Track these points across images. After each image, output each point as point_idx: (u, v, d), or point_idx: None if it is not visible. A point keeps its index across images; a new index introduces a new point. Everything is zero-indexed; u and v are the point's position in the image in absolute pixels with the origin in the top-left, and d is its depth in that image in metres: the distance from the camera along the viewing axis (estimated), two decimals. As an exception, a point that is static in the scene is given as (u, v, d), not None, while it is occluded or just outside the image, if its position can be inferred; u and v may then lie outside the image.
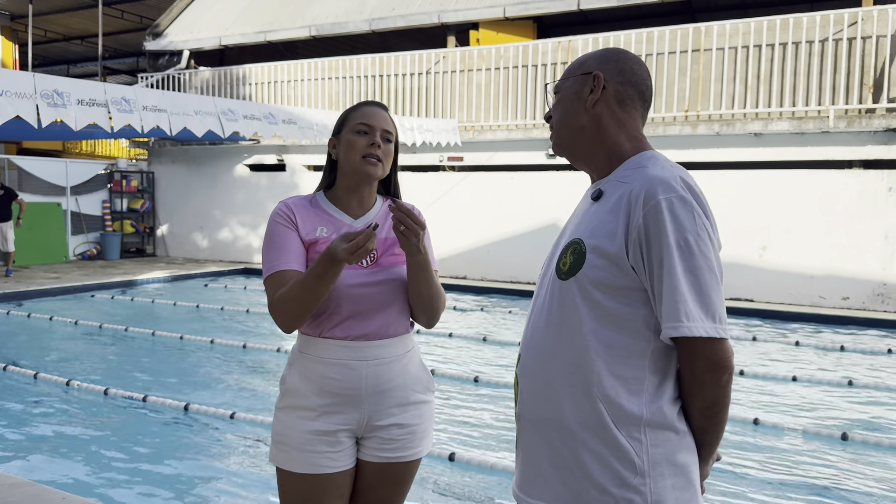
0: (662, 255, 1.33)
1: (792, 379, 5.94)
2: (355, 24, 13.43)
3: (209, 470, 3.98)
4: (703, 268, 1.33)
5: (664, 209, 1.33)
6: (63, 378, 5.55)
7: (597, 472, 1.36)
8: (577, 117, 1.51)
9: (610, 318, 1.38)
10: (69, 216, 13.51)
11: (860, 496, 3.73)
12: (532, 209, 11.02)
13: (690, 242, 1.33)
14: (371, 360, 1.90)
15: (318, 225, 1.95)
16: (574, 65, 1.57)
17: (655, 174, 1.38)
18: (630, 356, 1.37)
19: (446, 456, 3.99)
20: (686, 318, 1.31)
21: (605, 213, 1.42)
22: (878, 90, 9.17)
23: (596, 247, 1.39)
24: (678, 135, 10.08)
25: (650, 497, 1.35)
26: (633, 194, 1.38)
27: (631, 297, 1.37)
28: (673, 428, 1.38)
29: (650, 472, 1.35)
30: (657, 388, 1.38)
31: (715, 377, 1.34)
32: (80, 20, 19.19)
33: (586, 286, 1.39)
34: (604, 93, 1.49)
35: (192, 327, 7.77)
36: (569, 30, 13.65)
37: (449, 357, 6.66)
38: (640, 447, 1.36)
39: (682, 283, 1.31)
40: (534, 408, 1.46)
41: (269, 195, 13.54)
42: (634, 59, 1.54)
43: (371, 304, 1.91)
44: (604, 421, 1.36)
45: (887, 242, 8.96)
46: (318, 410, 1.89)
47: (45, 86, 6.20)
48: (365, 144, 1.93)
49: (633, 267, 1.36)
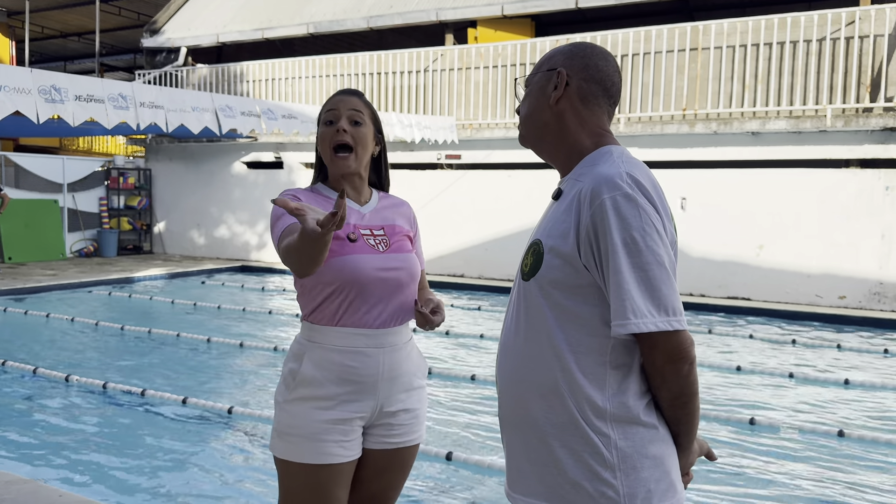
0: (609, 253, 1.35)
1: (789, 377, 5.96)
2: (353, 21, 13.41)
3: (207, 464, 3.98)
4: (651, 263, 1.34)
5: (608, 207, 1.35)
6: (61, 374, 5.55)
7: (570, 467, 1.39)
8: (541, 113, 1.53)
9: (569, 317, 1.40)
10: (66, 213, 13.48)
11: (857, 493, 3.74)
12: (529, 207, 11.02)
13: (637, 239, 1.34)
14: (386, 347, 1.94)
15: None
16: (543, 59, 1.58)
17: (603, 172, 1.40)
18: (590, 353, 1.39)
19: (443, 455, 3.99)
20: (633, 315, 1.32)
21: (561, 213, 1.44)
22: (876, 89, 9.19)
23: (552, 247, 1.42)
24: (676, 133, 10.08)
25: (622, 490, 1.37)
26: (583, 193, 1.40)
27: (587, 295, 1.40)
28: (640, 421, 1.39)
29: (620, 465, 1.37)
30: (620, 383, 1.39)
31: (675, 368, 1.36)
32: (77, 16, 19.14)
33: (545, 286, 1.42)
34: (567, 90, 1.50)
35: (189, 324, 7.76)
36: (567, 28, 13.64)
37: (446, 355, 6.66)
38: (608, 441, 1.38)
39: (629, 280, 1.33)
40: (508, 407, 1.49)
41: (267, 192, 13.52)
42: (601, 55, 1.53)
43: (389, 289, 1.94)
44: (573, 417, 1.39)
45: (884, 241, 8.98)
46: (336, 399, 1.90)
47: (42, 81, 6.19)
48: (332, 133, 1.95)
49: (586, 266, 1.39)
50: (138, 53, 21.11)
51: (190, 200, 14.49)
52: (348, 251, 1.91)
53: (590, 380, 1.39)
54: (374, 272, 1.91)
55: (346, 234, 1.93)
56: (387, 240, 1.98)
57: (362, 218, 1.99)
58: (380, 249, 1.95)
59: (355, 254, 1.91)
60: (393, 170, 12.33)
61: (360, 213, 1.99)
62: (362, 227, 1.97)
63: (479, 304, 9.53)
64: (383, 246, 1.96)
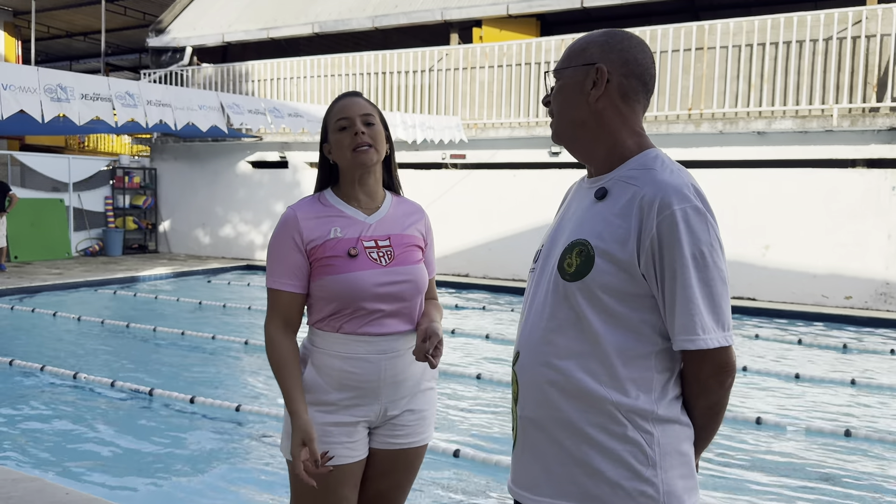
0: (676, 267, 1.33)
1: (795, 377, 5.94)
2: (358, 21, 13.42)
3: (215, 463, 3.99)
4: (715, 279, 1.34)
5: (679, 220, 1.32)
6: (70, 371, 5.56)
7: (607, 467, 1.37)
8: (578, 110, 1.46)
9: (618, 322, 1.38)
10: (72, 212, 13.52)
11: (863, 493, 3.73)
12: (534, 207, 11.01)
13: (705, 254, 1.33)
14: (389, 353, 1.93)
15: (332, 225, 1.94)
16: (575, 50, 1.49)
17: (667, 180, 1.36)
18: (638, 357, 1.38)
19: (451, 453, 3.99)
20: (702, 331, 1.33)
21: (613, 217, 1.39)
22: (882, 89, 9.15)
23: (605, 251, 1.37)
24: (681, 133, 10.06)
25: (662, 487, 1.37)
26: (646, 200, 1.35)
27: (639, 303, 1.38)
28: (679, 420, 1.41)
29: (661, 462, 1.37)
30: (664, 385, 1.40)
31: (719, 380, 1.38)
32: (82, 16, 19.18)
33: (594, 290, 1.38)
34: (607, 87, 1.44)
35: (194, 323, 7.77)
36: (572, 27, 13.63)
37: (452, 354, 6.66)
38: (651, 439, 1.38)
39: (697, 296, 1.33)
40: (537, 408, 1.45)
41: (272, 192, 13.54)
42: (639, 46, 1.47)
43: (390, 302, 1.93)
44: (614, 418, 1.38)
45: (890, 241, 8.95)
46: (338, 405, 1.92)
47: (48, 80, 6.20)
48: (349, 138, 1.94)
49: (644, 275, 1.36)
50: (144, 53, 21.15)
51: (195, 200, 14.51)
52: (347, 268, 1.90)
53: (637, 383, 1.38)
54: (373, 288, 1.90)
55: (347, 250, 1.92)
56: (391, 251, 1.96)
57: (368, 229, 1.96)
58: (382, 263, 1.93)
59: (355, 271, 1.90)
60: (398, 169, 12.32)
61: (365, 224, 1.96)
62: (366, 238, 1.95)
63: (483, 303, 9.52)
64: (387, 259, 1.94)
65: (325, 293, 1.92)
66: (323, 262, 1.92)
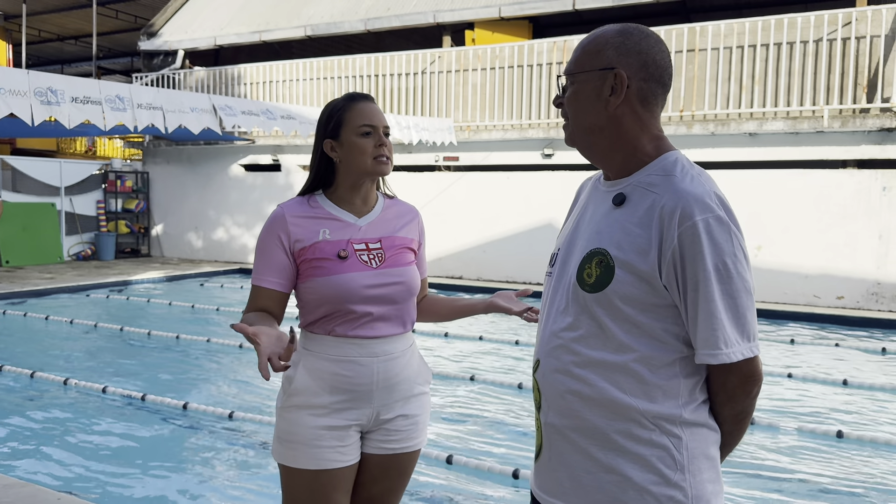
0: (698, 279, 1.30)
1: (787, 377, 5.96)
2: (350, 23, 13.42)
3: (208, 469, 3.98)
4: (740, 290, 1.32)
5: (701, 231, 1.29)
6: (60, 377, 5.54)
7: (635, 473, 1.36)
8: (595, 117, 1.41)
9: (642, 332, 1.36)
10: (63, 216, 13.46)
11: (856, 494, 3.75)
12: (527, 209, 11.03)
13: (728, 265, 1.31)
14: (381, 356, 1.93)
15: (321, 227, 1.94)
16: (590, 51, 1.43)
17: (688, 189, 1.33)
18: (664, 366, 1.36)
19: (444, 458, 3.98)
20: (724, 345, 1.31)
21: (633, 226, 1.36)
22: (872, 90, 9.21)
23: (626, 262, 1.34)
24: (673, 134, 10.09)
25: (690, 492, 1.36)
26: (666, 210, 1.32)
27: (661, 312, 1.35)
28: (707, 424, 1.40)
29: (689, 466, 1.36)
30: (691, 390, 1.39)
31: (746, 390, 1.37)
32: (74, 20, 19.14)
33: (615, 301, 1.35)
34: (627, 92, 1.38)
35: (187, 327, 7.75)
36: (564, 30, 13.65)
37: (446, 357, 6.66)
38: (679, 443, 1.36)
39: (720, 309, 1.30)
40: (561, 416, 1.42)
41: (265, 195, 13.52)
42: (656, 45, 1.41)
43: (381, 304, 1.93)
44: (641, 424, 1.36)
45: (881, 242, 9.00)
46: (330, 408, 1.91)
47: (39, 83, 6.18)
48: (373, 146, 1.94)
49: (666, 286, 1.34)
50: (135, 56, 21.12)
51: (187, 203, 14.48)
52: (337, 270, 1.89)
53: (664, 390, 1.36)
54: (364, 290, 1.89)
55: (337, 252, 1.91)
56: (382, 254, 1.95)
57: (358, 231, 1.96)
58: (373, 265, 1.93)
59: (345, 272, 1.89)
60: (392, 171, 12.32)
61: (356, 227, 1.96)
62: (357, 241, 1.94)
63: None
64: (377, 261, 1.94)
65: (315, 295, 1.91)
66: (312, 263, 1.91)
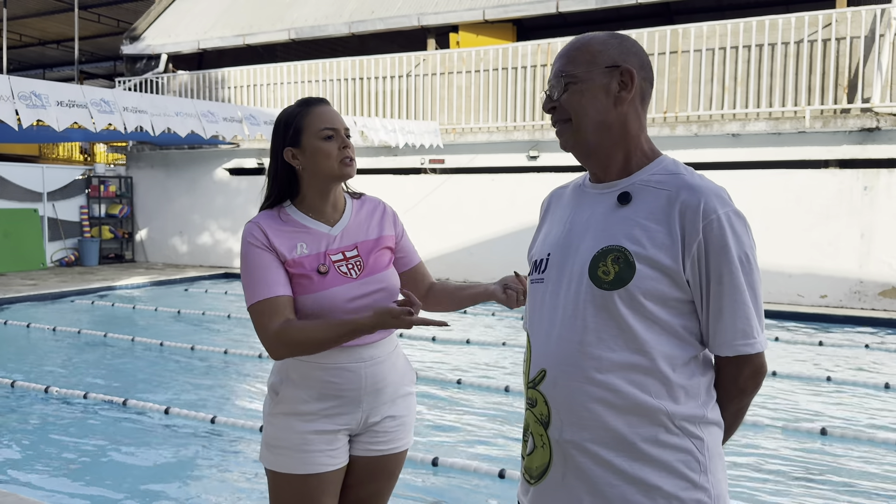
0: (723, 271, 1.33)
1: (772, 375, 6.00)
2: (335, 26, 13.40)
3: (191, 475, 3.95)
4: (757, 282, 1.37)
5: (725, 224, 1.33)
6: (41, 385, 5.48)
7: (663, 481, 1.34)
8: (605, 114, 1.40)
9: (662, 329, 1.36)
10: (46, 222, 13.34)
11: (840, 490, 3.77)
12: (513, 211, 11.05)
13: (749, 257, 1.35)
14: (368, 361, 1.93)
15: (296, 241, 1.90)
16: (590, 52, 1.42)
17: (703, 185, 1.36)
18: (685, 364, 1.37)
19: (429, 461, 3.97)
20: (758, 334, 1.35)
21: (649, 222, 1.35)
22: (853, 90, 9.30)
23: (648, 257, 1.34)
24: (657, 136, 10.15)
25: (713, 491, 1.37)
26: (687, 205, 1.33)
27: (680, 308, 1.37)
28: (719, 423, 1.42)
29: (710, 466, 1.38)
30: (707, 388, 1.41)
31: (756, 382, 1.41)
32: (55, 24, 18.98)
33: (637, 297, 1.34)
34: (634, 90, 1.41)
35: (172, 333, 7.70)
36: (548, 32, 13.71)
37: (432, 360, 6.65)
38: (701, 445, 1.37)
39: (748, 300, 1.34)
40: (580, 429, 1.37)
41: (250, 199, 13.46)
42: (643, 49, 1.47)
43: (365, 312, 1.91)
44: (667, 428, 1.35)
45: (863, 241, 9.09)
46: (319, 414, 1.91)
47: (21, 88, 6.14)
48: (337, 149, 1.91)
49: (689, 280, 1.35)
50: (118, 60, 20.96)
51: (172, 208, 14.39)
52: (318, 287, 1.87)
53: (686, 389, 1.36)
54: (347, 303, 1.88)
55: (317, 267, 1.88)
56: (360, 261, 1.93)
57: (333, 241, 1.93)
58: (353, 276, 1.90)
59: (326, 289, 1.87)
60: (377, 175, 12.32)
61: (330, 237, 1.93)
62: (333, 252, 1.91)
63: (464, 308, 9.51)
64: (357, 270, 1.91)
65: (299, 309, 1.89)
66: (293, 280, 1.89)
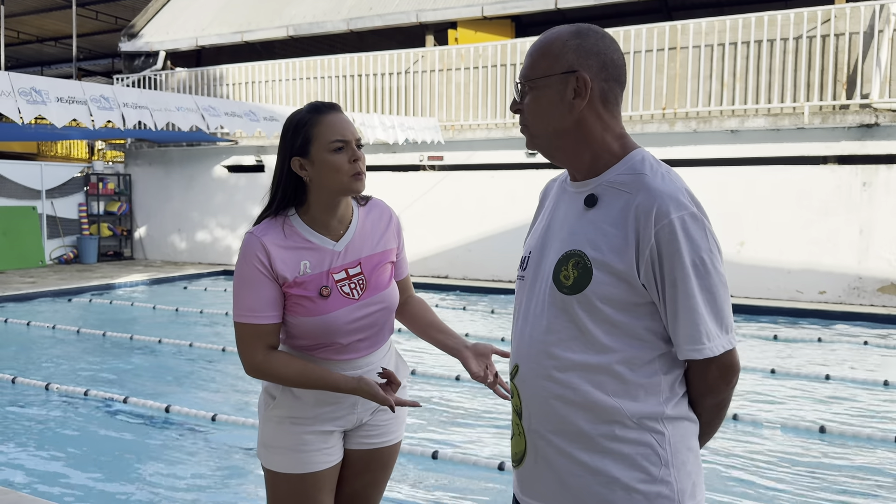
0: (676, 276, 1.32)
1: (770, 372, 6.01)
2: (333, 23, 13.37)
3: (191, 472, 3.95)
4: (717, 284, 1.35)
5: (678, 228, 1.32)
6: (42, 382, 5.48)
7: (622, 473, 1.37)
8: (559, 120, 1.41)
9: (621, 332, 1.37)
10: (45, 220, 13.32)
11: (839, 488, 3.78)
12: (512, 208, 11.04)
13: (705, 261, 1.34)
14: (364, 369, 1.94)
15: (300, 259, 1.84)
16: (548, 55, 1.43)
17: (661, 187, 1.35)
18: (644, 364, 1.38)
19: (429, 454, 3.99)
20: (707, 340, 1.34)
21: (608, 226, 1.37)
22: (852, 86, 9.29)
23: (603, 263, 1.35)
24: (656, 132, 10.15)
25: (676, 486, 1.38)
26: (641, 209, 1.34)
27: (640, 311, 1.37)
28: (687, 417, 1.43)
29: (673, 460, 1.38)
30: (672, 386, 1.41)
31: (726, 380, 1.40)
32: (53, 21, 18.93)
33: (594, 302, 1.36)
34: (590, 94, 1.40)
35: (171, 330, 7.70)
36: (546, 28, 13.62)
37: (430, 355, 6.65)
38: (662, 439, 1.38)
39: (700, 304, 1.33)
40: (545, 421, 1.43)
41: (248, 196, 13.45)
42: (611, 45, 1.43)
43: (365, 331, 1.92)
44: (625, 424, 1.37)
45: (862, 237, 9.09)
46: (316, 419, 1.92)
47: (21, 84, 6.15)
48: (348, 162, 1.81)
49: (644, 285, 1.35)
50: (116, 58, 20.93)
51: (171, 205, 14.38)
52: (320, 311, 1.83)
53: (645, 388, 1.38)
54: (348, 325, 1.86)
55: (319, 290, 1.83)
56: (363, 280, 1.88)
57: (336, 258, 1.87)
58: (355, 296, 1.87)
59: (329, 312, 1.83)
60: (376, 171, 12.31)
61: (333, 253, 1.87)
62: (336, 269, 1.86)
63: (463, 304, 9.53)
64: (359, 290, 1.87)
65: (299, 330, 1.88)
66: (294, 299, 1.85)
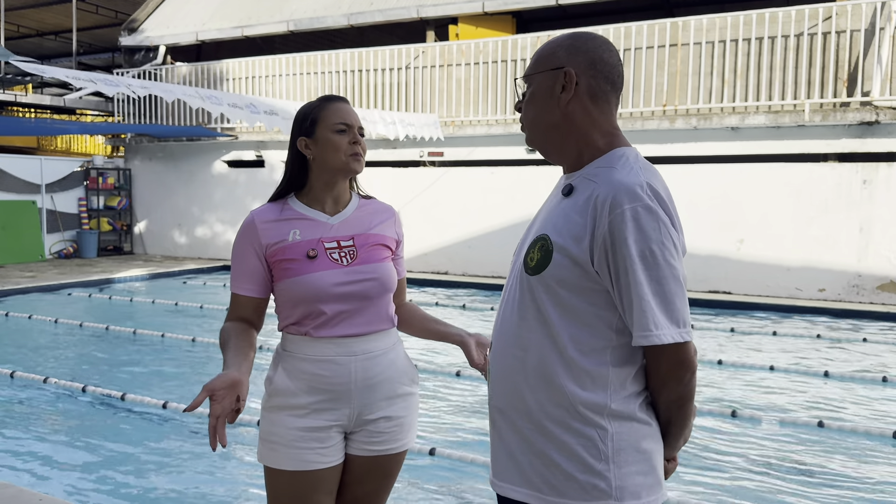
0: (626, 265, 1.35)
1: (769, 369, 6.01)
2: (333, 18, 13.35)
3: (190, 468, 3.96)
4: (667, 277, 1.36)
5: (629, 218, 1.34)
6: (40, 376, 5.49)
7: (562, 459, 1.41)
8: (549, 114, 1.49)
9: (574, 315, 1.41)
10: (45, 214, 13.32)
11: (837, 483, 3.79)
12: (512, 204, 11.04)
13: (655, 252, 1.36)
14: (359, 355, 1.92)
15: (291, 228, 1.95)
16: (543, 55, 1.53)
17: (622, 179, 1.38)
18: (593, 352, 1.41)
19: (427, 451, 3.99)
20: (654, 327, 1.35)
21: (573, 214, 1.42)
22: (853, 84, 9.28)
23: (562, 247, 1.41)
24: (656, 129, 10.14)
25: (614, 482, 1.39)
26: (599, 199, 1.38)
27: (594, 297, 1.41)
28: (636, 417, 1.42)
29: (614, 458, 1.40)
30: (622, 381, 1.42)
31: (678, 376, 1.40)
32: (53, 15, 18.90)
33: (551, 284, 1.42)
34: (576, 89, 1.47)
35: (171, 325, 7.70)
36: (547, 24, 13.66)
37: (430, 351, 6.66)
38: (605, 434, 1.40)
39: (648, 293, 1.35)
40: (503, 396, 1.49)
41: (248, 191, 13.45)
42: (604, 46, 1.50)
43: (354, 301, 1.92)
44: (570, 410, 1.41)
45: (862, 234, 9.09)
46: (309, 408, 1.91)
47: None
48: (348, 143, 1.95)
49: (598, 272, 1.39)
50: (116, 52, 20.89)
51: (170, 200, 14.37)
52: (306, 270, 1.90)
53: (592, 377, 1.40)
54: (334, 287, 1.89)
55: (306, 252, 1.91)
56: (354, 251, 1.95)
57: (330, 230, 1.96)
58: (343, 263, 1.93)
59: (313, 272, 1.90)
60: (376, 167, 12.31)
61: (328, 225, 1.97)
62: (328, 239, 1.95)
63: (463, 301, 9.53)
64: (349, 258, 1.94)
65: (288, 296, 1.93)
66: (282, 264, 1.92)
